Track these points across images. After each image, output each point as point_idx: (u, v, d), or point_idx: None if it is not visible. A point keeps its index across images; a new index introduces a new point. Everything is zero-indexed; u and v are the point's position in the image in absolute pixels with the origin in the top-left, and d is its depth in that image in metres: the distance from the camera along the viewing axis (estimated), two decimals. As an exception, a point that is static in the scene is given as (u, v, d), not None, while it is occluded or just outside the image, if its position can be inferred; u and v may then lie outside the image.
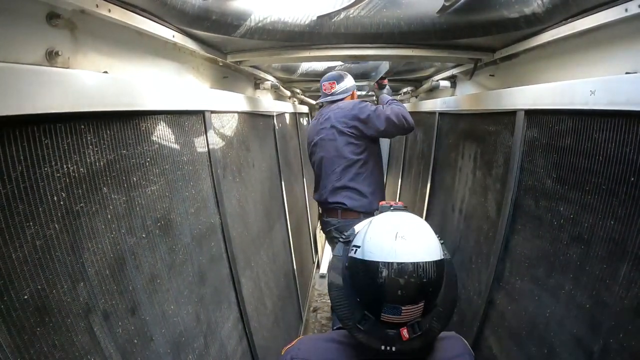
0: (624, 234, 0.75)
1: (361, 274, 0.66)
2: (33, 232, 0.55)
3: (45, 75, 0.57)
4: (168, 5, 0.83)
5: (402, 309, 0.64)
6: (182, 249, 1.00)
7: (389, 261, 0.62)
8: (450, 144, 2.05)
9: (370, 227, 0.70)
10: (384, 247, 0.64)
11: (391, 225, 0.68)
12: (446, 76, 2.10)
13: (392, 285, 0.62)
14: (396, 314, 0.64)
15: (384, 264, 0.63)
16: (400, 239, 0.64)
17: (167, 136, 0.96)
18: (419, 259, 0.63)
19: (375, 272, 0.63)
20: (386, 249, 0.64)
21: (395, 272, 0.62)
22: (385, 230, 0.67)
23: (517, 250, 1.18)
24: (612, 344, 0.76)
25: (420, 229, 0.69)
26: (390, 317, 0.65)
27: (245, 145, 1.68)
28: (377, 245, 0.65)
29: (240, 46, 1.35)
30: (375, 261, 0.64)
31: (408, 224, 0.69)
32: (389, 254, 0.63)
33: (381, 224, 0.70)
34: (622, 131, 0.76)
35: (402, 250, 0.63)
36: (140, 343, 0.78)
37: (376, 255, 0.64)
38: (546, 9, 0.93)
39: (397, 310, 0.64)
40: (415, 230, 0.68)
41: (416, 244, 0.65)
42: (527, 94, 1.13)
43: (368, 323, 0.67)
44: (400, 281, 0.62)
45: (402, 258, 0.62)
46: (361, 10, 1.08)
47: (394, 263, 0.62)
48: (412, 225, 0.69)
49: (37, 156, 0.57)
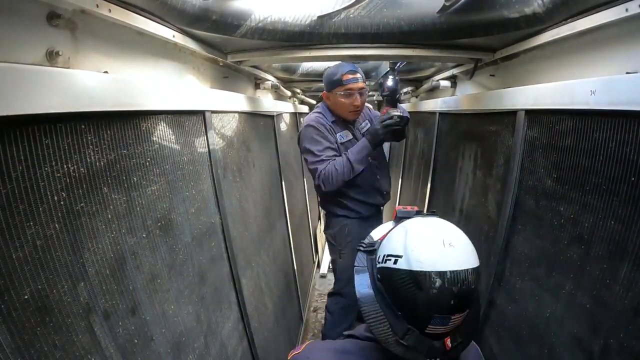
0: (624, 234, 0.75)
1: (407, 286, 0.62)
2: (33, 232, 0.55)
3: (46, 75, 0.58)
4: (168, 5, 0.83)
5: (452, 318, 0.61)
6: (182, 248, 1.00)
7: (442, 270, 0.59)
8: (450, 144, 2.05)
9: (411, 235, 0.65)
10: (434, 255, 0.61)
11: (435, 232, 0.65)
12: (446, 76, 2.10)
13: (445, 295, 0.59)
14: (444, 324, 0.61)
15: (437, 273, 0.59)
16: (448, 246, 0.62)
17: (167, 136, 0.96)
18: (468, 266, 0.61)
19: (427, 283, 0.59)
20: (437, 258, 0.61)
21: (449, 281, 0.59)
22: (431, 238, 0.64)
23: (517, 250, 1.18)
24: (612, 344, 0.76)
25: (462, 235, 0.66)
26: (438, 327, 0.62)
27: (246, 145, 1.68)
28: (426, 255, 0.61)
29: (240, 46, 1.36)
30: (426, 271, 0.60)
31: (451, 231, 0.66)
32: (440, 262, 0.60)
33: (422, 232, 0.66)
34: (622, 131, 0.76)
35: (453, 257, 0.61)
36: (140, 343, 0.78)
37: (426, 265, 0.60)
38: (546, 9, 0.93)
39: (445, 321, 0.61)
40: (459, 236, 0.65)
41: (464, 251, 0.63)
42: (528, 93, 1.13)
43: (412, 337, 0.63)
44: (454, 290, 0.59)
45: (454, 266, 0.60)
46: (361, 10, 1.08)
47: (447, 272, 0.59)
48: (455, 232, 0.66)
49: (37, 156, 0.57)
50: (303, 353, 0.75)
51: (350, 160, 1.62)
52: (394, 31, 1.11)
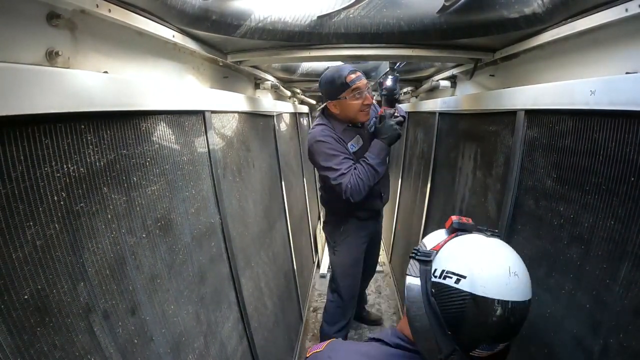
0: (624, 234, 0.75)
1: (467, 309, 0.60)
2: (33, 232, 0.55)
3: (45, 75, 0.58)
4: (168, 5, 0.83)
5: (499, 345, 0.61)
6: (182, 248, 1.00)
7: (505, 299, 0.59)
8: (450, 144, 2.05)
9: (477, 257, 0.64)
10: (500, 283, 0.60)
11: (502, 258, 0.64)
12: (446, 76, 2.10)
13: (502, 323, 0.59)
14: (491, 350, 0.62)
15: (500, 302, 0.58)
16: (513, 275, 0.61)
17: (167, 136, 0.96)
18: (526, 298, 0.61)
19: (488, 310, 0.59)
20: (502, 286, 0.60)
21: (509, 311, 0.59)
22: (497, 264, 0.63)
23: (517, 250, 1.18)
24: (612, 344, 0.76)
25: (523, 264, 0.66)
26: (484, 352, 0.62)
27: (246, 145, 1.68)
28: (492, 281, 0.60)
29: (240, 46, 1.36)
30: (490, 298, 0.59)
31: (515, 258, 0.66)
32: (505, 291, 0.59)
33: (489, 256, 0.64)
34: (622, 131, 0.76)
35: (516, 288, 0.60)
36: (140, 343, 0.78)
37: (491, 292, 0.59)
38: (546, 9, 0.93)
39: (494, 347, 0.61)
40: (522, 265, 0.65)
41: (525, 282, 0.63)
42: (527, 94, 1.13)
43: (456, 358, 0.62)
44: (511, 320, 0.59)
45: (516, 297, 0.60)
46: (361, 10, 1.08)
47: (510, 302, 0.59)
48: (518, 261, 0.66)
49: (37, 156, 0.57)
50: (324, 352, 0.74)
51: (372, 165, 1.61)
52: (393, 31, 1.11)
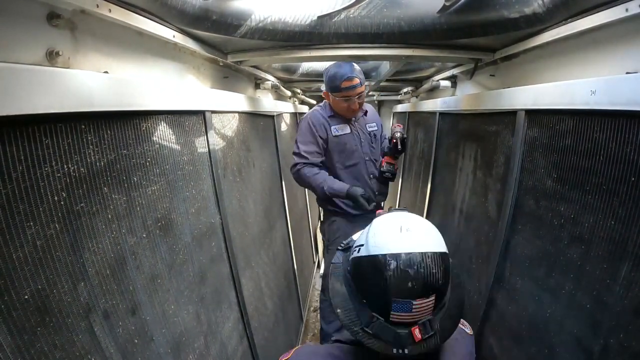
0: (624, 234, 0.75)
1: (367, 271, 0.64)
2: (33, 232, 0.55)
3: (45, 75, 0.58)
4: (168, 5, 0.83)
5: (414, 303, 0.60)
6: (182, 248, 1.00)
7: (396, 252, 0.60)
8: (450, 144, 2.05)
9: (373, 226, 0.69)
10: (389, 239, 0.63)
11: (395, 220, 0.67)
12: (446, 76, 2.10)
13: (401, 277, 0.60)
14: (407, 310, 0.61)
15: (392, 255, 0.61)
16: (405, 231, 0.63)
17: (167, 136, 0.96)
18: (426, 249, 0.61)
19: (382, 266, 0.61)
20: (392, 241, 0.62)
21: (404, 263, 0.60)
22: (389, 225, 0.66)
23: (517, 250, 1.18)
24: (612, 344, 0.76)
25: (423, 222, 0.68)
26: (401, 314, 0.62)
27: (246, 145, 1.68)
28: (382, 239, 0.63)
29: (240, 46, 1.36)
30: (382, 254, 0.61)
31: (411, 219, 0.68)
32: (395, 246, 0.61)
33: (383, 221, 0.69)
34: (622, 131, 0.76)
35: (409, 241, 0.62)
36: (140, 343, 0.78)
37: (382, 249, 0.62)
38: (546, 9, 0.93)
39: (408, 306, 0.61)
40: (419, 223, 0.67)
41: (422, 236, 0.64)
42: (528, 94, 1.13)
43: (376, 325, 0.63)
44: (409, 272, 0.59)
45: (409, 249, 0.61)
46: (361, 10, 1.08)
47: (402, 254, 0.60)
48: (415, 219, 0.68)
49: (37, 156, 0.57)
50: (292, 358, 0.75)
51: (324, 188, 1.78)
52: (394, 31, 1.11)
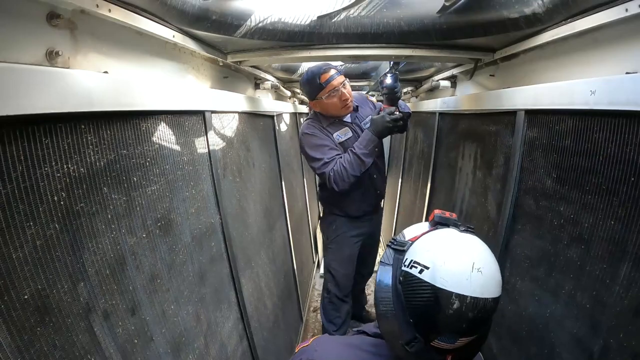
0: (624, 234, 0.75)
1: (426, 299, 0.62)
2: (33, 232, 0.55)
3: (45, 75, 0.58)
4: (168, 5, 0.83)
5: (459, 339, 0.62)
6: (182, 248, 1.00)
7: (464, 294, 0.59)
8: (450, 144, 2.05)
9: (442, 249, 0.65)
10: (459, 277, 0.61)
11: (466, 252, 0.65)
12: (446, 76, 2.10)
13: (460, 317, 0.60)
14: (451, 342, 0.63)
15: (458, 295, 0.59)
16: (476, 271, 0.61)
17: (167, 136, 0.96)
18: (490, 295, 0.61)
19: (445, 302, 0.60)
20: (462, 280, 0.60)
21: (468, 307, 0.59)
22: (461, 258, 0.63)
23: (517, 250, 1.18)
24: (612, 344, 0.76)
25: (492, 263, 0.66)
26: (444, 344, 0.63)
27: (246, 145, 1.68)
28: (453, 274, 0.61)
29: (240, 46, 1.36)
30: (448, 291, 0.60)
31: (483, 255, 0.66)
32: (464, 286, 0.60)
33: (454, 249, 0.66)
34: (622, 131, 0.76)
35: (478, 284, 0.61)
36: (140, 343, 0.78)
37: (450, 285, 0.60)
38: (546, 9, 0.93)
39: (453, 340, 0.62)
40: (490, 262, 0.65)
41: (490, 279, 0.63)
42: (527, 94, 1.13)
43: (417, 346, 0.63)
44: (469, 315, 0.59)
45: (476, 293, 0.60)
46: (361, 11, 1.08)
47: (469, 297, 0.59)
48: (487, 257, 0.66)
49: (37, 156, 0.57)
50: (311, 345, 0.76)
51: (358, 154, 1.60)
52: (394, 31, 1.11)
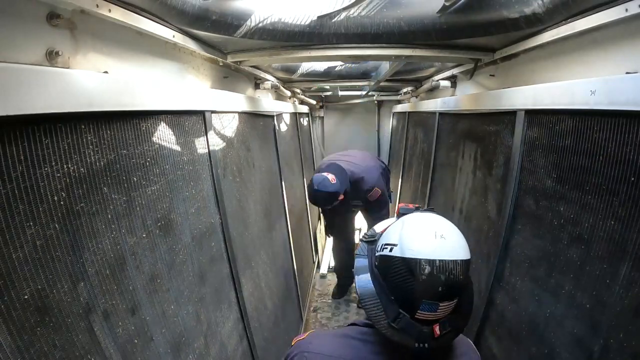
0: (624, 234, 0.75)
1: (400, 272, 0.67)
2: (33, 232, 0.55)
3: (45, 75, 0.58)
4: (168, 5, 0.83)
5: (440, 305, 0.65)
6: (182, 248, 1.00)
7: (432, 258, 0.64)
8: (450, 144, 2.05)
9: (406, 227, 0.71)
10: (425, 244, 0.66)
11: (428, 224, 0.70)
12: (446, 76, 2.10)
13: (434, 281, 0.63)
14: (433, 310, 0.65)
15: (427, 261, 0.64)
16: (440, 237, 0.66)
17: (167, 136, 0.96)
18: (458, 257, 0.65)
19: (417, 269, 0.64)
20: (428, 247, 0.65)
21: (438, 269, 0.63)
22: (424, 229, 0.69)
23: (517, 250, 1.18)
24: (612, 344, 0.76)
25: (454, 230, 0.71)
26: (427, 314, 0.66)
27: (246, 145, 1.68)
28: (418, 243, 0.66)
29: (240, 46, 1.36)
30: (417, 258, 0.64)
31: (444, 224, 0.71)
32: (431, 251, 0.65)
33: (417, 224, 0.71)
34: (622, 131, 0.76)
35: (443, 248, 0.65)
36: (140, 343, 0.78)
37: (418, 253, 0.65)
38: (546, 9, 0.93)
39: (434, 307, 0.65)
40: (452, 230, 0.70)
41: (455, 243, 0.67)
42: (527, 94, 1.13)
43: (402, 321, 0.67)
44: (442, 277, 0.63)
45: (444, 255, 0.64)
46: (361, 11, 1.08)
47: (437, 260, 0.64)
48: (448, 226, 0.71)
49: (37, 156, 0.57)
50: (306, 339, 0.80)
51: None
52: (394, 31, 1.11)
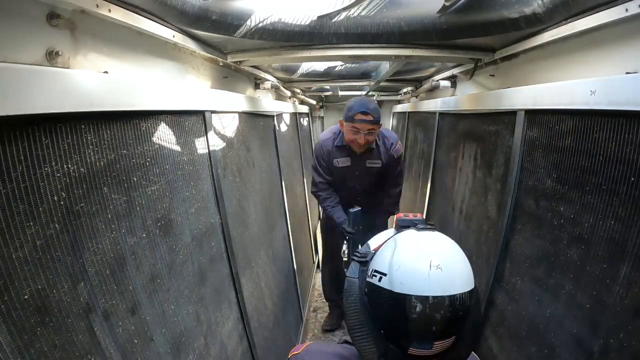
0: (624, 234, 0.75)
1: (388, 306, 0.59)
2: (33, 232, 0.55)
3: (45, 75, 0.58)
4: (168, 5, 0.83)
5: (435, 344, 0.57)
6: (182, 248, 1.00)
7: (424, 295, 0.55)
8: (450, 144, 2.05)
9: (398, 252, 0.61)
10: (417, 278, 0.57)
11: (423, 251, 0.60)
12: (446, 76, 2.10)
13: (426, 321, 0.56)
14: (427, 348, 0.58)
15: (418, 297, 0.55)
16: (434, 268, 0.57)
17: (167, 136, 0.96)
18: (455, 292, 0.56)
19: (407, 307, 0.56)
20: (420, 281, 0.56)
21: (431, 308, 0.55)
22: (417, 258, 0.59)
23: (517, 250, 1.18)
24: (612, 344, 0.76)
25: (455, 256, 0.61)
26: (420, 351, 0.59)
27: (246, 145, 1.68)
28: (409, 276, 0.57)
29: (240, 46, 1.36)
30: (407, 294, 0.56)
31: (442, 251, 0.61)
32: (423, 287, 0.56)
33: (410, 250, 0.62)
34: (622, 131, 0.76)
35: (438, 282, 0.56)
36: (140, 343, 0.78)
37: (408, 288, 0.56)
38: (546, 8, 0.93)
39: (428, 345, 0.58)
40: (450, 257, 0.60)
41: (452, 275, 0.58)
42: (528, 94, 1.13)
43: (392, 356, 0.60)
44: (436, 317, 0.55)
45: (438, 291, 0.55)
46: (361, 11, 1.08)
47: (430, 297, 0.55)
48: (446, 252, 0.61)
49: (37, 156, 0.57)
50: (300, 354, 0.74)
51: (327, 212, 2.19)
52: (394, 31, 1.11)
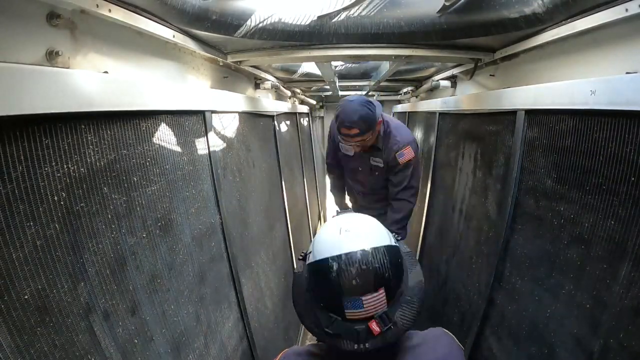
0: (624, 234, 0.75)
1: (317, 276, 0.68)
2: (33, 232, 0.55)
3: (45, 75, 0.58)
4: (168, 5, 0.83)
5: (363, 299, 0.63)
6: (182, 248, 1.00)
7: (337, 254, 0.64)
8: (450, 144, 2.05)
9: (318, 233, 0.73)
10: (330, 243, 0.66)
11: (335, 223, 0.70)
12: (446, 76, 2.10)
13: (345, 277, 0.62)
14: (359, 307, 0.63)
15: (333, 257, 0.64)
16: (344, 232, 0.66)
17: (167, 136, 0.96)
18: (365, 246, 0.64)
19: (327, 269, 0.64)
20: (331, 244, 0.66)
21: (345, 263, 0.63)
22: (330, 228, 0.70)
23: (517, 250, 1.18)
24: (612, 344, 0.76)
25: (363, 220, 0.71)
26: (354, 311, 0.64)
27: (246, 145, 1.68)
28: (324, 243, 0.67)
29: (240, 46, 1.36)
30: (324, 258, 0.65)
31: (351, 219, 0.71)
32: (335, 248, 0.65)
33: (326, 226, 0.72)
34: (622, 131, 0.76)
35: (348, 241, 0.65)
36: (140, 343, 0.78)
37: (325, 252, 0.65)
38: (546, 8, 0.93)
39: (358, 303, 0.63)
40: (358, 222, 0.70)
41: (361, 234, 0.67)
42: (528, 93, 1.13)
43: (335, 325, 0.66)
44: (352, 270, 0.62)
45: (349, 248, 0.64)
46: (361, 11, 1.08)
47: (342, 254, 0.63)
48: (355, 219, 0.71)
49: (37, 156, 0.57)
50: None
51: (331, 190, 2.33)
52: (394, 31, 1.11)
